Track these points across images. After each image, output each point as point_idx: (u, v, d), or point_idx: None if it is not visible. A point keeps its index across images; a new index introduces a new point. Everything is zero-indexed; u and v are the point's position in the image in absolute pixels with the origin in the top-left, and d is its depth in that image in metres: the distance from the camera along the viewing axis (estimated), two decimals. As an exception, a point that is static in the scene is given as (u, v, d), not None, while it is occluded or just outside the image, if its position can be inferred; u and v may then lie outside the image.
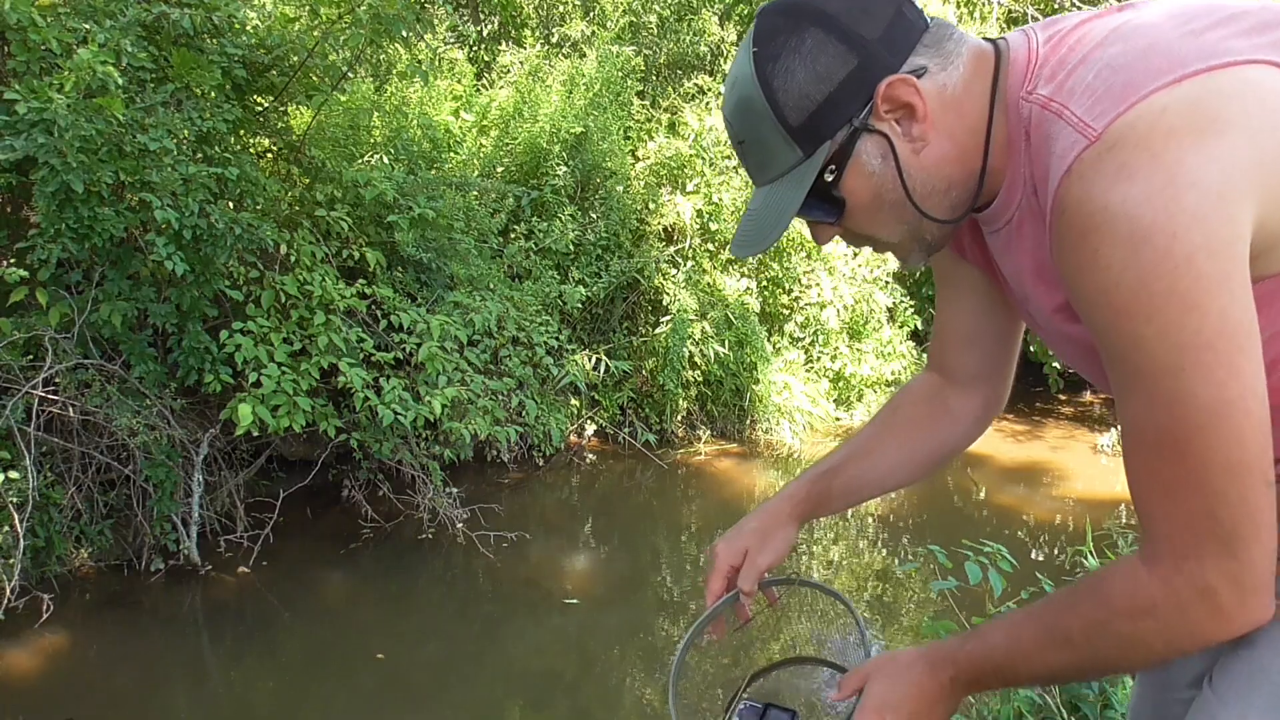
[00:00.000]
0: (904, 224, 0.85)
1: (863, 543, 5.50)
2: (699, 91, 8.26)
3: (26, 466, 3.60)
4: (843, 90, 0.79)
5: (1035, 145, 0.79)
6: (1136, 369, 0.72)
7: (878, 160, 0.81)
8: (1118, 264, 0.69)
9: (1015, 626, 0.86)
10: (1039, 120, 0.78)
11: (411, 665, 3.77)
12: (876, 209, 0.84)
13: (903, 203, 0.83)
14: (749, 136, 0.84)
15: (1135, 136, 0.68)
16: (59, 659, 3.58)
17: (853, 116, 0.80)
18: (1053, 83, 0.77)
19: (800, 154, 0.81)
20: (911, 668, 0.92)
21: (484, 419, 4.75)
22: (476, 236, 5.85)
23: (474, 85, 7.52)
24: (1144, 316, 0.69)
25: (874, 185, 0.82)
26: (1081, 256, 0.72)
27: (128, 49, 3.68)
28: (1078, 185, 0.71)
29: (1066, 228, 0.73)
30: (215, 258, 4.01)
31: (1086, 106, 0.72)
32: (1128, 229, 0.68)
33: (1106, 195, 0.69)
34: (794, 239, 7.66)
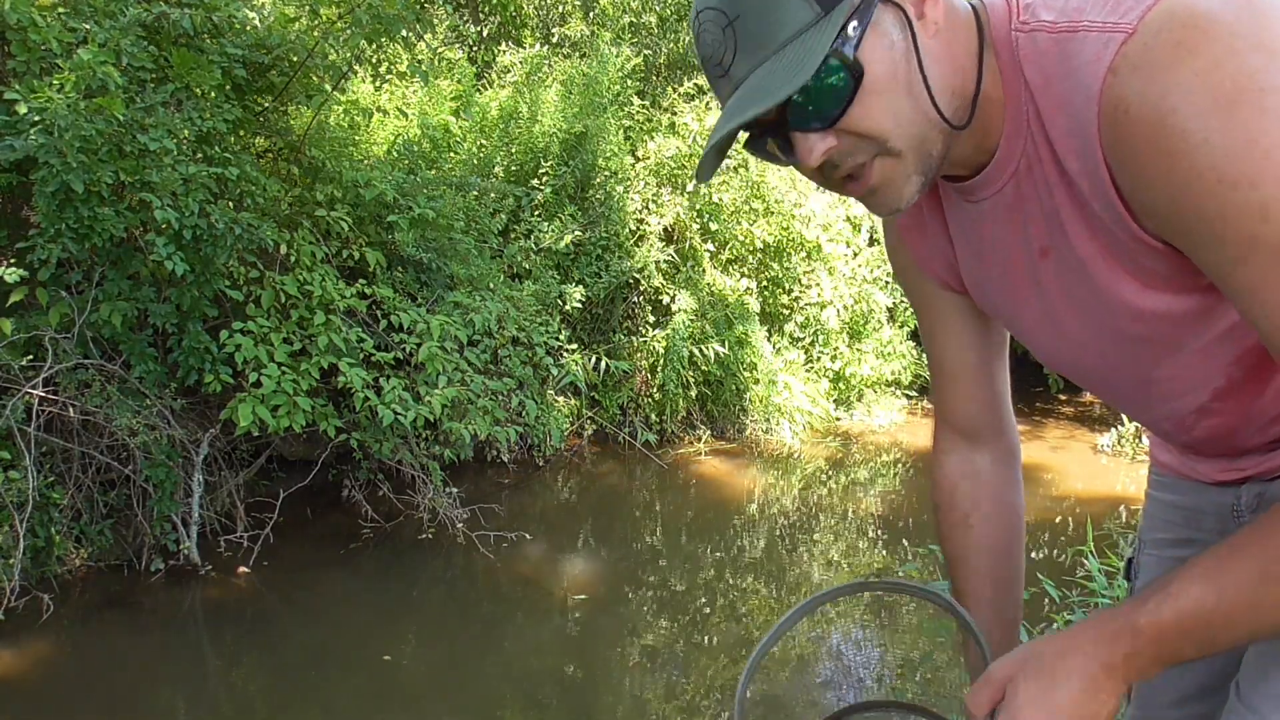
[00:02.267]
0: (916, 120, 0.74)
1: (863, 543, 5.50)
2: (699, 91, 8.26)
3: (26, 466, 3.60)
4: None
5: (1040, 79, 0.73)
6: (1272, 250, 0.63)
7: (896, 32, 0.73)
8: (1215, 133, 0.62)
9: (1220, 569, 0.70)
10: (1044, 49, 0.72)
11: (411, 665, 3.77)
12: (892, 89, 0.73)
13: (915, 86, 0.73)
14: (749, 6, 0.72)
15: (1178, 19, 0.63)
16: (59, 659, 3.58)
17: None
18: (1050, 9, 0.72)
19: (817, 10, 0.71)
20: (1068, 656, 0.74)
21: (484, 419, 4.76)
22: (476, 236, 5.85)
23: (474, 85, 7.52)
24: (1269, 179, 0.61)
25: (892, 59, 0.73)
26: (1167, 144, 0.64)
27: (128, 49, 3.68)
28: (1130, 78, 0.65)
29: (1133, 126, 0.65)
30: (215, 258, 4.01)
31: (1106, 11, 0.67)
32: (1211, 98, 0.62)
33: (1171, 74, 0.63)
34: (794, 239, 7.66)
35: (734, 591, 4.66)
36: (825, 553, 5.31)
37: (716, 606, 4.43)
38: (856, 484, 6.56)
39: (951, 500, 1.10)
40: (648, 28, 8.52)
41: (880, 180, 0.76)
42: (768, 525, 5.65)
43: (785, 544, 5.37)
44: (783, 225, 7.53)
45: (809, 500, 6.20)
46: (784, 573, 4.96)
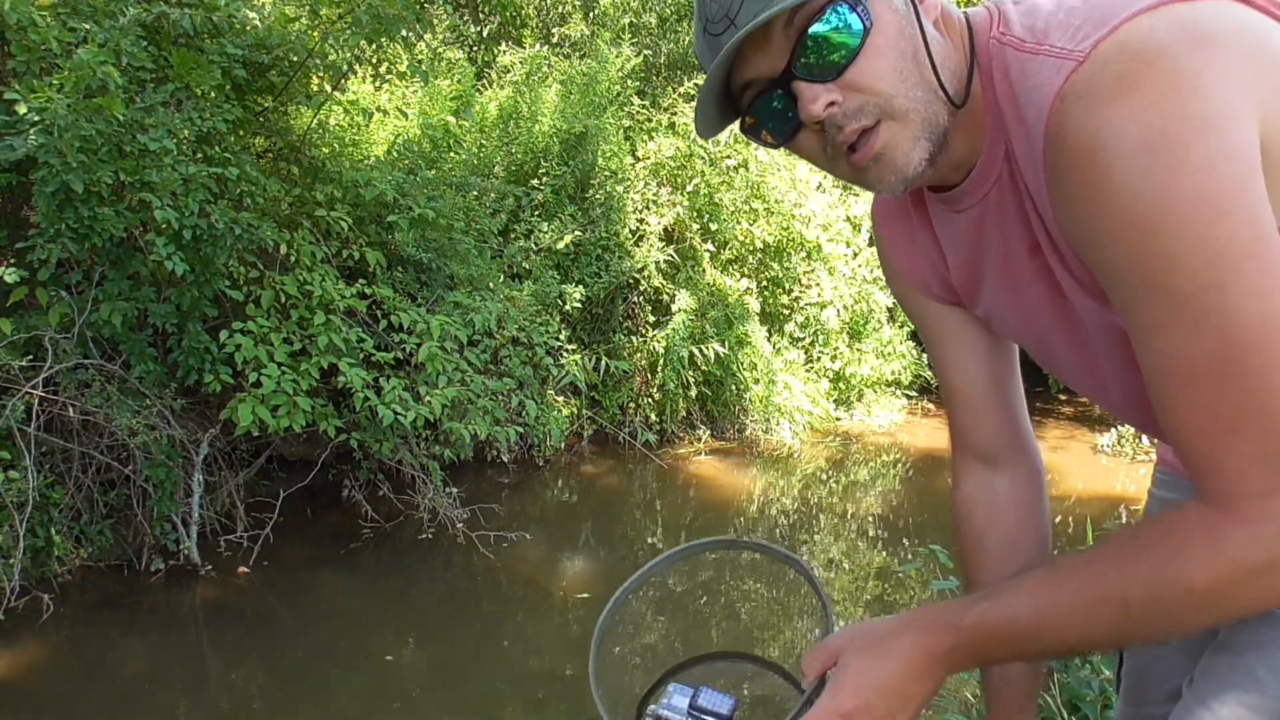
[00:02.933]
0: (922, 84, 0.74)
1: (862, 543, 5.50)
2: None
3: (26, 466, 3.60)
4: None
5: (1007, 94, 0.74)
6: (1172, 293, 0.64)
7: (901, 3, 0.74)
8: (1135, 177, 0.63)
9: (1049, 587, 0.74)
10: (1012, 64, 0.73)
11: (411, 665, 3.77)
12: (899, 49, 0.73)
13: (920, 56, 0.74)
14: None
15: (1127, 52, 0.64)
16: (59, 659, 3.58)
17: None
18: (1024, 27, 0.73)
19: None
20: (898, 637, 0.80)
21: (484, 419, 4.76)
22: (476, 236, 5.85)
23: (474, 85, 7.53)
24: (1173, 230, 0.62)
25: (899, 24, 0.73)
26: (1091, 179, 0.65)
27: (128, 49, 3.68)
28: (1073, 107, 0.66)
29: (1067, 155, 0.67)
30: (215, 258, 4.01)
31: (1066, 37, 0.68)
32: (1139, 139, 0.62)
33: (1108, 109, 0.64)
34: (794, 239, 7.66)
35: (734, 592, 4.66)
36: (825, 552, 5.31)
37: (716, 606, 4.43)
38: (856, 484, 6.56)
39: (968, 524, 1.10)
40: (648, 28, 8.53)
41: (885, 144, 0.75)
42: (768, 525, 5.65)
43: (785, 544, 5.37)
44: (783, 225, 7.54)
45: (809, 500, 6.20)
46: (784, 572, 4.96)
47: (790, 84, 0.75)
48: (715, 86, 0.79)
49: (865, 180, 0.79)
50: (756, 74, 0.77)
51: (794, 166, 7.99)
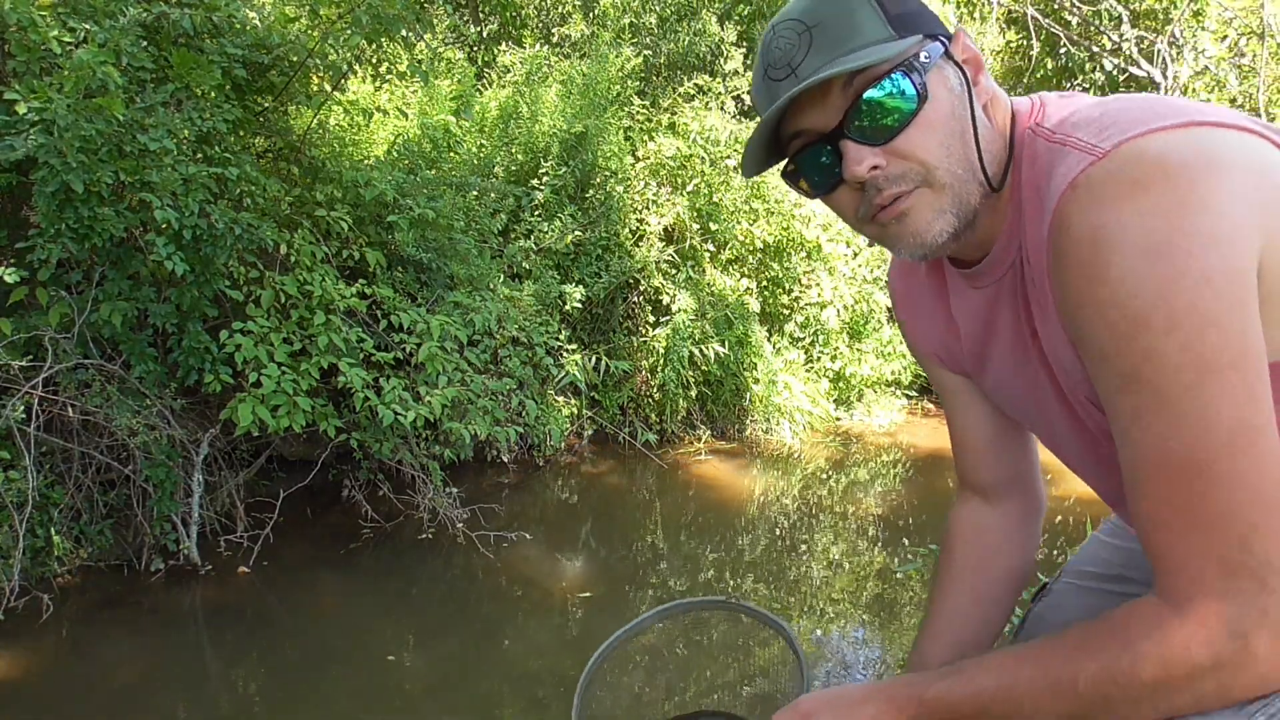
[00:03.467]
0: (964, 163, 0.78)
1: (863, 543, 5.50)
2: (699, 91, 8.26)
3: (26, 466, 3.60)
4: (932, 16, 0.80)
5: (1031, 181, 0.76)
6: (1153, 389, 0.67)
7: (955, 84, 0.79)
8: (1132, 276, 0.66)
9: (1007, 669, 0.77)
10: (1040, 154, 0.76)
11: (411, 665, 3.77)
12: (948, 125, 0.77)
13: (966, 135, 0.78)
14: (830, 14, 0.77)
15: (1146, 158, 0.67)
16: (59, 659, 3.58)
17: (940, 35, 0.79)
18: (1058, 120, 0.76)
19: (891, 33, 0.77)
20: (864, 705, 0.83)
21: (484, 419, 4.76)
22: (476, 237, 5.85)
23: (474, 85, 7.53)
24: (1162, 328, 0.65)
25: (951, 101, 0.78)
26: (1091, 270, 0.68)
27: (127, 49, 3.68)
28: (1083, 196, 0.69)
29: (1072, 243, 0.69)
30: (215, 258, 4.01)
31: (1093, 133, 0.71)
32: (1143, 241, 0.65)
33: (1119, 207, 0.66)
34: (794, 239, 7.66)
35: (734, 592, 4.66)
36: (825, 552, 5.31)
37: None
38: (856, 484, 6.56)
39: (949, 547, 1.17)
40: (648, 28, 8.52)
41: (913, 206, 0.78)
42: (768, 525, 5.65)
43: (785, 544, 5.37)
44: (783, 225, 7.54)
45: (809, 500, 6.20)
46: (784, 573, 4.96)
47: (839, 141, 0.78)
48: (766, 130, 0.81)
49: (888, 240, 0.82)
50: (808, 125, 0.80)
51: (794, 166, 7.99)
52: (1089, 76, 7.97)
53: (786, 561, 5.12)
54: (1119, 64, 7.43)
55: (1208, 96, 7.75)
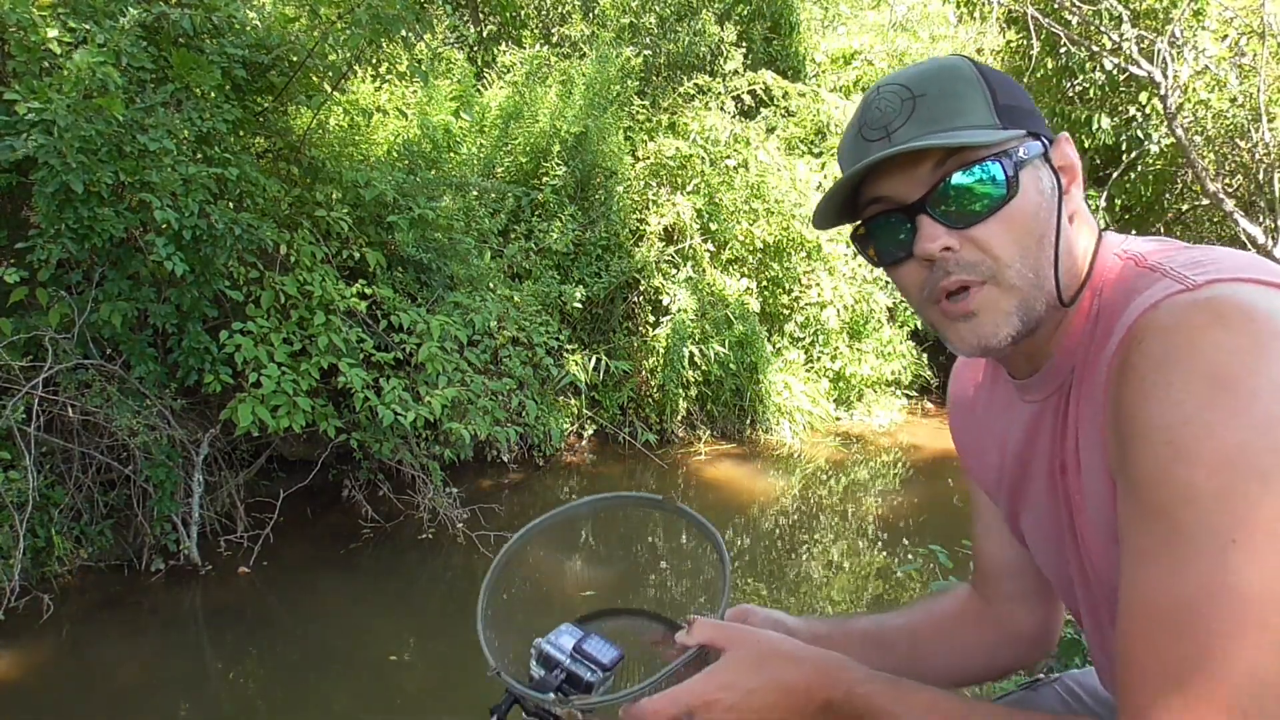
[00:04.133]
0: (1036, 269, 0.76)
1: (863, 543, 5.50)
2: (699, 91, 8.26)
3: (26, 466, 3.60)
4: (1034, 116, 0.79)
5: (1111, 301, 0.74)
6: (1177, 526, 0.62)
7: (1047, 188, 0.77)
8: (1191, 401, 0.62)
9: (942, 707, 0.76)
10: (1128, 277, 0.74)
11: (412, 665, 3.77)
12: (1030, 227, 0.75)
13: (1046, 241, 0.76)
14: (939, 90, 0.76)
15: (1236, 301, 0.64)
16: (59, 659, 3.58)
17: (1044, 136, 0.78)
18: (1154, 251, 0.75)
19: (995, 121, 0.75)
20: (795, 662, 0.80)
21: (484, 419, 4.76)
22: (476, 237, 5.85)
23: (474, 86, 7.53)
24: (1206, 465, 0.60)
25: (1038, 204, 0.76)
26: (1151, 387, 0.64)
27: (127, 49, 3.68)
28: (1166, 317, 0.66)
29: (1141, 356, 0.66)
30: (215, 258, 4.01)
31: (1189, 267, 0.69)
32: (1212, 370, 0.62)
33: (1194, 335, 0.64)
34: (794, 239, 7.66)
35: (734, 592, 4.66)
36: (825, 552, 5.31)
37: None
38: (856, 484, 6.56)
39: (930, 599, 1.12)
40: (647, 28, 8.52)
41: (980, 305, 0.76)
42: (768, 525, 5.65)
43: (785, 544, 5.37)
44: (783, 225, 7.53)
45: (809, 500, 6.20)
46: (784, 572, 4.96)
47: (917, 215, 0.76)
48: (845, 188, 0.80)
49: (949, 332, 0.80)
50: (889, 193, 0.78)
51: (794, 166, 7.99)
52: (1089, 76, 7.96)
53: (786, 561, 5.11)
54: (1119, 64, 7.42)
55: (1208, 96, 7.74)
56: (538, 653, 0.89)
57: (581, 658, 0.87)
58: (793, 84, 8.73)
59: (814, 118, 8.66)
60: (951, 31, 10.08)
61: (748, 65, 8.68)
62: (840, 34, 10.46)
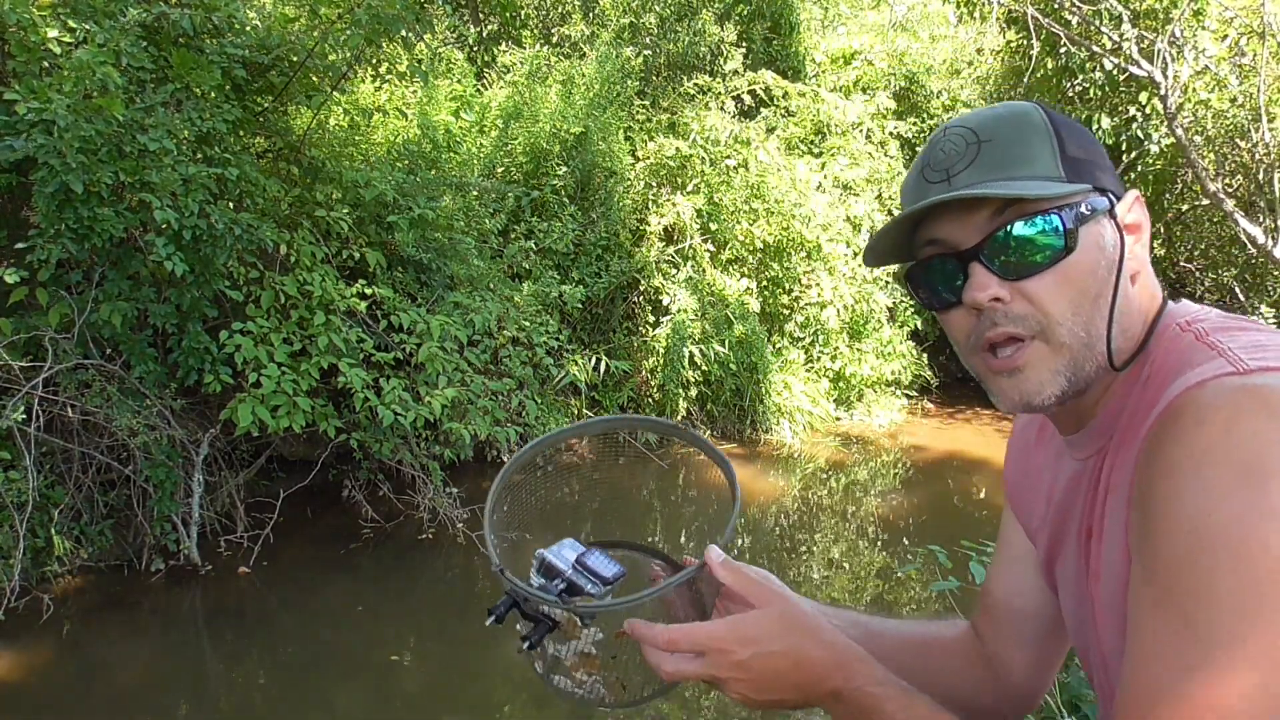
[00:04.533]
0: (1089, 328, 0.74)
1: (863, 543, 5.50)
2: (699, 91, 8.26)
3: (26, 467, 3.60)
4: (1106, 171, 0.76)
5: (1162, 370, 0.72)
6: (1190, 622, 0.59)
7: (1111, 244, 0.74)
8: (1220, 491, 0.59)
9: None
10: (1184, 349, 0.72)
11: (412, 664, 3.77)
12: (1085, 285, 0.73)
13: (1102, 301, 0.73)
14: (1005, 137, 0.75)
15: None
16: (59, 659, 3.58)
17: (1110, 192, 0.75)
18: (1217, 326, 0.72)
19: (1061, 173, 0.73)
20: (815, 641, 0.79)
21: (484, 419, 4.75)
22: (476, 237, 5.85)
23: (474, 86, 7.53)
24: (1228, 563, 0.58)
25: (1096, 261, 0.73)
26: (1180, 470, 0.62)
27: (127, 49, 3.68)
28: (1209, 398, 0.63)
29: (1173, 436, 0.64)
30: (215, 258, 4.01)
31: (1247, 350, 0.66)
32: (1247, 461, 0.59)
33: (1234, 421, 0.61)
34: (794, 239, 7.66)
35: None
36: (825, 552, 5.31)
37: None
38: (856, 484, 6.56)
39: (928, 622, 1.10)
40: (647, 28, 8.52)
41: (1028, 362, 0.74)
42: (768, 525, 5.65)
43: (785, 543, 5.37)
44: (783, 225, 7.54)
45: (809, 500, 6.20)
46: (784, 572, 4.96)
47: (970, 262, 0.75)
48: (902, 227, 0.78)
49: (992, 385, 0.78)
50: (945, 236, 0.77)
51: (794, 166, 7.99)
52: (1089, 76, 7.96)
53: (786, 561, 5.11)
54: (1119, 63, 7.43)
55: (1208, 96, 7.74)
56: (539, 562, 0.88)
57: (583, 570, 0.86)
58: (793, 84, 8.74)
59: (814, 118, 8.66)
60: (951, 31, 10.08)
61: (748, 65, 8.68)
62: (840, 34, 10.47)
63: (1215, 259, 9.05)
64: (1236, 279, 8.63)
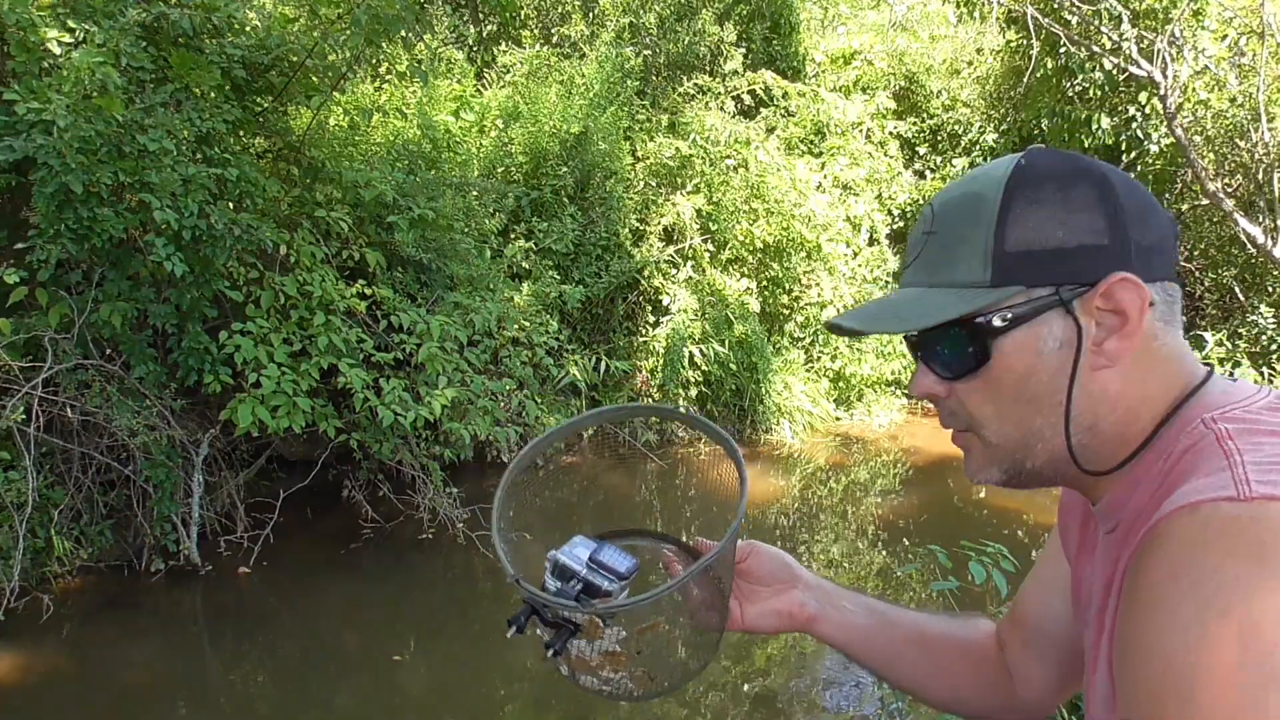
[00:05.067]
0: (1023, 429, 0.72)
1: (863, 543, 5.50)
2: (699, 91, 8.26)
3: (26, 467, 3.60)
4: (1075, 255, 0.69)
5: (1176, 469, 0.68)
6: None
7: (1054, 344, 0.70)
8: (1197, 633, 0.56)
9: None
10: (1200, 448, 0.66)
11: (412, 664, 3.77)
12: (1015, 392, 0.71)
13: (1045, 403, 0.71)
14: (947, 229, 0.73)
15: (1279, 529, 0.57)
16: (59, 660, 3.58)
17: (1064, 286, 0.69)
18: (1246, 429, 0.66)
19: (987, 278, 0.70)
20: None
21: (484, 419, 4.75)
22: (476, 237, 5.85)
23: (474, 86, 7.53)
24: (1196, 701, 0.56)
25: (1032, 366, 0.70)
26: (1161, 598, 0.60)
27: (127, 50, 3.68)
28: (1195, 530, 0.60)
29: (1159, 559, 0.61)
30: (215, 258, 4.01)
31: (1262, 470, 0.61)
32: (1226, 605, 0.56)
33: (1224, 559, 0.57)
34: (794, 239, 7.66)
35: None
36: (825, 552, 5.31)
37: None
38: (856, 484, 6.56)
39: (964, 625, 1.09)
40: (647, 28, 8.52)
41: (967, 448, 0.76)
42: (768, 525, 5.65)
43: (785, 544, 5.37)
44: (783, 225, 7.54)
45: (809, 500, 6.20)
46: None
47: (916, 355, 0.77)
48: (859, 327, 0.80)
49: None
50: None
51: (794, 166, 7.99)
52: (1089, 76, 7.96)
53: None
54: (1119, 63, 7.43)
55: (1207, 96, 7.74)
56: (553, 564, 0.87)
57: (598, 567, 0.86)
58: (792, 84, 8.74)
59: (814, 118, 8.66)
60: (951, 31, 10.08)
61: (748, 65, 8.68)
62: (840, 34, 10.46)
63: (1215, 259, 9.04)
64: (1236, 279, 8.63)
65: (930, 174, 9.48)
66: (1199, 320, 8.79)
